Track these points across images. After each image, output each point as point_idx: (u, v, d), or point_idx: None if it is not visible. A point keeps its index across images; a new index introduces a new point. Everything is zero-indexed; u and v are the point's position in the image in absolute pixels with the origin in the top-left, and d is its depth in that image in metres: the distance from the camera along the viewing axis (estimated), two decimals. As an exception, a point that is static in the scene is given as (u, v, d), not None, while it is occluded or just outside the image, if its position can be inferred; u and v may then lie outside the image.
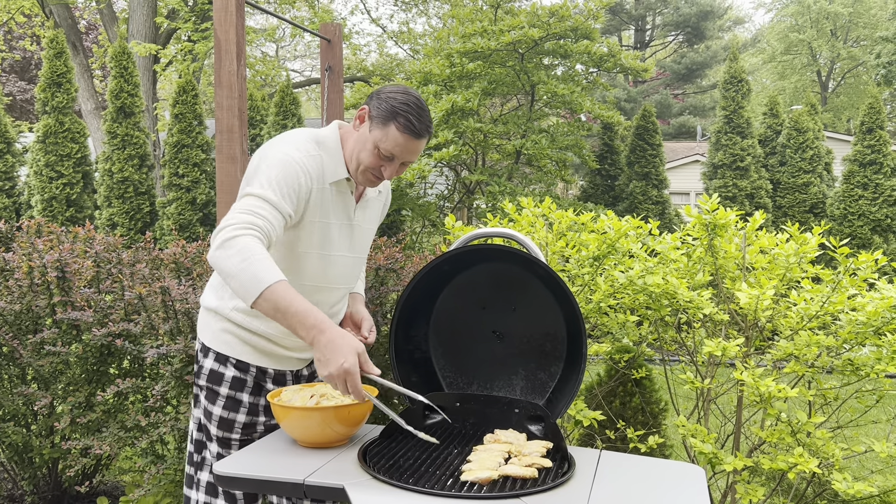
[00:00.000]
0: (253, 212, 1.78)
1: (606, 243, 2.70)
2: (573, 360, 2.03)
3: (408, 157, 1.94)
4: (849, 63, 34.09)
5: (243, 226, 1.73)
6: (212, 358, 2.05)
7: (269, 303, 1.68)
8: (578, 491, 1.63)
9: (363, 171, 1.96)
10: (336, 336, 1.71)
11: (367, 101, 1.97)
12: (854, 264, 2.45)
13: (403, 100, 1.90)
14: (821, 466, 2.38)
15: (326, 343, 1.70)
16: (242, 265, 1.68)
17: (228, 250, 1.70)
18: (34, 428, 3.15)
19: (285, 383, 2.10)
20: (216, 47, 3.82)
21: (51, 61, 9.42)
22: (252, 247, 1.71)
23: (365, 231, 2.15)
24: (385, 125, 1.90)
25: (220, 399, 2.04)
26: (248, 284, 1.68)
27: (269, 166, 1.86)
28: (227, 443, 2.05)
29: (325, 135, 1.99)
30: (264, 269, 1.69)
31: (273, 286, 1.68)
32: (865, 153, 10.06)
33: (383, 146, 1.90)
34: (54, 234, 3.32)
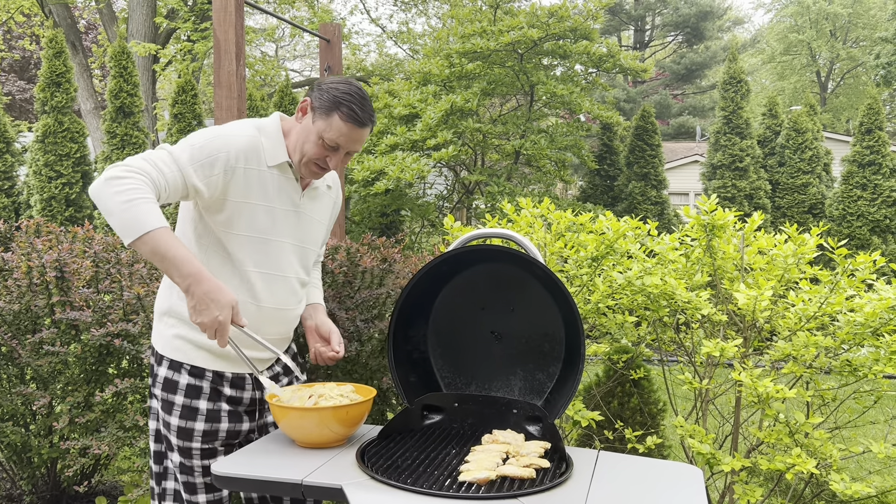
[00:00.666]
0: (152, 161, 1.79)
1: (605, 244, 2.70)
2: (571, 360, 2.03)
3: (352, 147, 1.95)
4: (848, 64, 34.11)
5: (136, 170, 1.74)
6: (165, 366, 1.99)
7: (148, 246, 1.70)
8: (576, 491, 1.64)
9: (307, 162, 1.96)
10: (213, 288, 1.74)
11: (309, 94, 1.97)
12: (852, 265, 2.45)
13: (346, 90, 1.91)
14: (819, 467, 2.38)
15: (203, 293, 1.73)
16: (125, 205, 1.69)
17: (113, 187, 1.70)
18: (33, 428, 3.14)
19: (244, 387, 2.04)
20: (215, 47, 3.82)
21: (50, 61, 9.42)
22: (138, 188, 1.71)
23: (314, 222, 2.12)
24: (328, 115, 1.90)
25: (175, 408, 1.97)
26: (129, 223, 1.69)
27: (198, 135, 1.89)
28: (188, 452, 1.98)
29: (264, 121, 2.00)
30: (148, 211, 1.70)
31: (155, 231, 1.70)
32: (864, 154, 10.07)
33: (327, 136, 1.91)
34: (53, 233, 3.32)
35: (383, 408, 3.02)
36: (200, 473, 2.00)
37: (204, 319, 1.75)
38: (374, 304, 2.82)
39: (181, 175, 1.82)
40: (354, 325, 2.71)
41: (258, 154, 1.94)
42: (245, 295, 1.97)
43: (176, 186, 1.82)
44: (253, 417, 2.08)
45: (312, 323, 2.18)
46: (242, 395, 2.04)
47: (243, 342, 1.96)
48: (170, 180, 1.80)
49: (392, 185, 8.56)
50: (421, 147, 9.28)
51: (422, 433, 2.01)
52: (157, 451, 2.09)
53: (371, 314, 2.79)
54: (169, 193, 1.82)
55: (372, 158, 8.89)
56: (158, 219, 1.71)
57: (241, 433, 2.04)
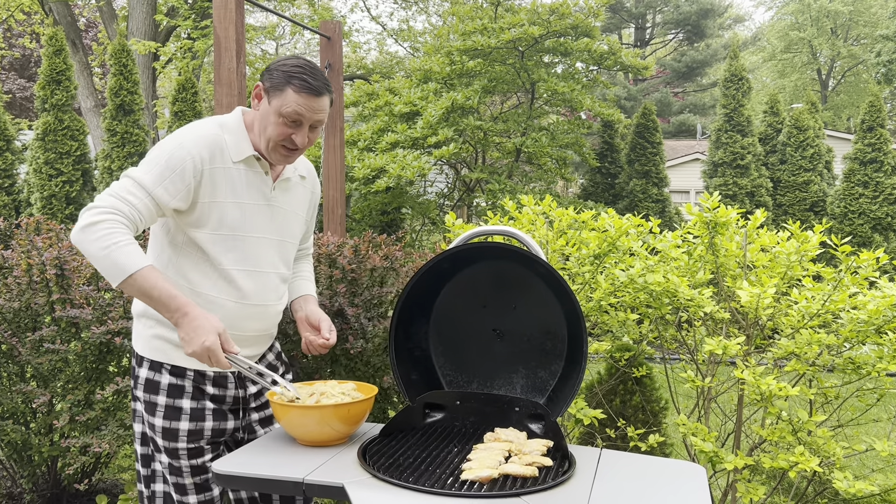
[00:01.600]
0: (121, 196, 1.79)
1: (607, 241, 2.69)
2: (574, 358, 2.02)
3: (313, 117, 1.93)
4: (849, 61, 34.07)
5: (107, 210, 1.76)
6: (146, 367, 1.98)
7: (134, 288, 1.76)
8: (579, 490, 1.63)
9: (274, 146, 1.94)
10: (198, 316, 1.78)
11: (260, 79, 1.96)
12: (856, 263, 2.44)
13: (294, 63, 1.92)
14: (822, 465, 2.37)
15: (189, 324, 1.77)
16: (104, 252, 1.72)
17: (90, 234, 1.72)
18: (33, 426, 3.14)
19: (227, 386, 2.02)
20: (216, 45, 3.81)
21: (50, 59, 9.41)
22: (114, 232, 1.73)
23: (289, 214, 2.10)
24: (282, 91, 1.90)
25: (159, 409, 1.96)
26: (111, 269, 1.73)
27: (158, 151, 1.88)
28: (174, 453, 1.98)
29: (225, 118, 2.00)
30: (127, 254, 1.73)
31: (137, 273, 1.73)
32: (866, 151, 10.05)
33: (285, 110, 1.89)
34: (53, 231, 3.31)
35: (385, 406, 3.01)
36: (189, 473, 1.98)
37: (195, 348, 1.77)
38: (379, 302, 2.81)
39: (151, 200, 1.83)
40: (359, 322, 2.70)
41: (222, 151, 1.92)
42: (224, 292, 1.96)
43: (150, 213, 1.84)
44: (237, 416, 2.07)
45: (303, 314, 2.16)
46: (225, 393, 2.03)
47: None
48: (142, 210, 1.82)
49: (393, 183, 8.54)
50: (422, 145, 9.27)
51: (423, 431, 2.00)
52: (144, 454, 2.07)
53: (377, 312, 2.78)
54: (145, 222, 1.84)
55: (372, 156, 8.88)
56: (138, 259, 1.75)
57: (226, 431, 2.03)
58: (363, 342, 2.69)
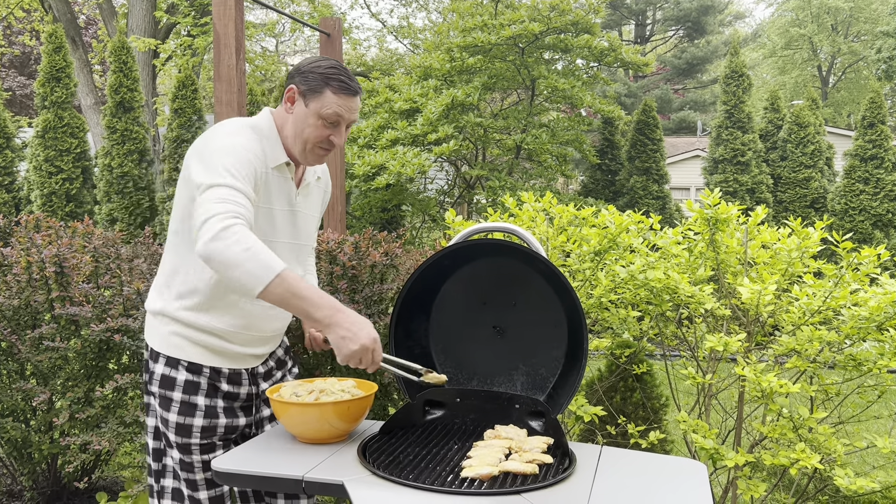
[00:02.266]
0: (230, 200, 1.72)
1: (607, 238, 2.68)
2: (574, 355, 2.02)
3: (350, 117, 1.95)
4: (849, 58, 34.02)
5: (231, 215, 1.69)
6: (162, 363, 1.97)
7: (282, 288, 1.66)
8: (580, 487, 1.62)
9: (311, 147, 1.94)
10: (352, 313, 1.74)
11: (290, 81, 1.95)
12: (857, 259, 2.43)
13: (328, 64, 1.92)
14: (822, 462, 2.37)
15: (347, 319, 1.72)
16: (247, 254, 1.64)
17: (226, 240, 1.64)
18: (33, 423, 3.14)
19: (241, 383, 2.03)
20: (215, 42, 3.80)
21: (50, 56, 9.40)
22: (249, 235, 1.68)
23: (308, 218, 2.11)
24: (320, 93, 1.90)
25: (174, 405, 1.96)
26: (257, 272, 1.64)
27: (220, 156, 1.79)
28: (187, 448, 1.97)
29: (257, 121, 1.97)
30: (269, 256, 1.67)
31: (283, 273, 1.66)
32: (867, 148, 10.04)
33: (325, 112, 1.90)
34: (53, 228, 3.31)
35: (385, 403, 3.01)
36: (200, 469, 1.99)
37: (363, 342, 1.72)
38: (380, 298, 2.81)
39: (249, 200, 1.77)
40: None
41: (264, 157, 1.92)
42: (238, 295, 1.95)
43: (252, 212, 1.78)
44: (249, 412, 2.06)
45: None
46: (239, 390, 2.03)
47: (239, 338, 1.97)
48: (250, 210, 1.76)
49: (393, 180, 8.53)
50: (422, 142, 9.26)
51: (423, 429, 2.00)
52: (156, 448, 2.07)
53: (377, 308, 2.78)
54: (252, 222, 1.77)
55: (373, 153, 8.87)
56: (279, 260, 1.67)
57: (238, 428, 2.03)
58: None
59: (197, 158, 1.84)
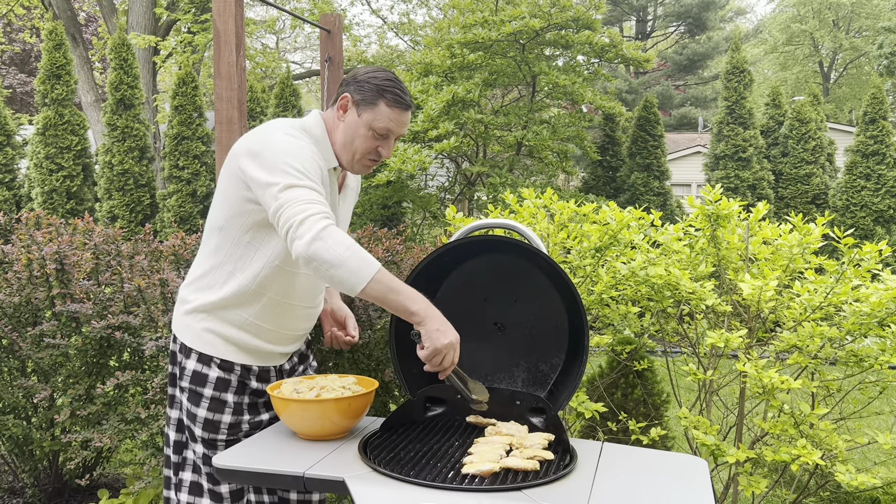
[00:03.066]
0: (318, 201, 1.74)
1: (608, 234, 2.68)
2: (575, 351, 2.02)
3: (400, 131, 1.96)
4: (851, 54, 33.94)
5: (324, 215, 1.72)
6: (194, 359, 1.99)
7: (382, 284, 1.71)
8: (581, 483, 1.62)
9: (360, 158, 1.95)
10: (440, 314, 1.78)
11: (344, 88, 1.94)
12: (858, 255, 2.43)
13: (384, 76, 1.92)
14: (823, 458, 2.37)
15: (440, 316, 1.77)
16: (348, 252, 1.68)
17: (327, 240, 1.68)
18: (34, 420, 3.14)
19: (269, 380, 2.05)
20: (215, 38, 3.80)
21: (50, 53, 9.39)
22: (345, 234, 1.72)
23: (344, 221, 2.15)
24: (374, 105, 1.90)
25: (204, 401, 1.98)
26: (359, 270, 1.69)
27: (288, 157, 1.79)
28: (212, 444, 1.99)
29: (309, 123, 1.96)
30: (368, 254, 1.72)
31: (381, 269, 1.71)
32: (868, 144, 10.02)
33: (378, 125, 1.91)
34: (53, 226, 3.31)
35: (386, 399, 3.01)
36: None
37: (451, 338, 1.76)
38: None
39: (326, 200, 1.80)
40: (367, 313, 2.71)
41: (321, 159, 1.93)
42: (279, 294, 1.97)
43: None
44: (270, 407, 2.09)
45: (328, 307, 2.21)
46: (265, 387, 2.05)
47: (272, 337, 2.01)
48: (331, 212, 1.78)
49: (394, 177, 8.53)
50: (422, 138, 9.25)
51: (424, 425, 2.00)
52: (178, 440, 2.08)
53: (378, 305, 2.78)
54: None
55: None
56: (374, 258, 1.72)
57: (261, 423, 2.05)
58: (370, 333, 2.70)
59: (256, 158, 1.82)
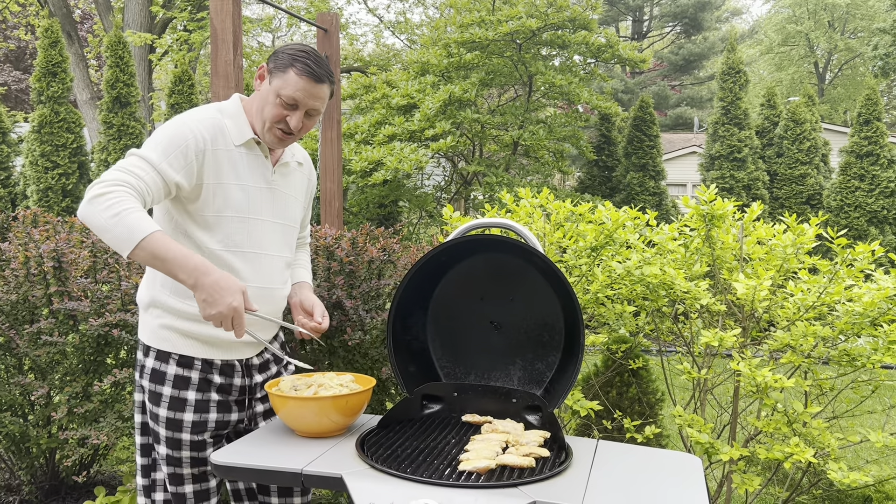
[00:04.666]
0: (128, 170, 1.79)
1: (604, 234, 2.70)
2: (571, 350, 2.03)
3: (310, 103, 1.95)
4: (846, 54, 34.05)
5: (113, 182, 1.75)
6: (153, 356, 1.98)
7: (146, 251, 1.70)
8: (576, 480, 1.64)
9: (269, 127, 1.96)
10: (221, 277, 1.73)
11: (267, 62, 1.99)
12: (852, 255, 2.45)
13: (299, 48, 1.95)
14: (816, 456, 2.39)
15: (212, 283, 1.72)
16: (114, 220, 1.69)
17: (98, 206, 1.70)
18: (31, 418, 3.14)
19: (233, 375, 2.03)
20: (212, 37, 3.80)
21: (46, 51, 9.37)
22: (122, 200, 1.72)
23: (289, 198, 2.12)
24: (284, 73, 1.92)
25: (163, 400, 1.96)
26: (122, 236, 1.69)
27: (160, 132, 1.89)
28: (177, 443, 1.97)
29: (225, 104, 2.03)
30: (136, 220, 1.70)
31: (149, 236, 1.69)
32: (862, 144, 10.06)
33: (284, 92, 1.92)
34: (50, 223, 3.31)
35: (383, 398, 3.03)
36: (189, 464, 1.99)
37: (220, 309, 1.72)
38: (377, 294, 2.82)
39: (159, 175, 1.83)
40: (357, 314, 2.71)
41: (223, 134, 1.94)
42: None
43: (157, 188, 1.83)
44: (242, 407, 2.07)
45: (297, 300, 2.17)
46: (232, 381, 2.03)
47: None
48: (150, 183, 1.81)
49: (390, 176, 8.53)
50: (419, 137, 9.25)
51: (421, 423, 2.01)
52: (144, 443, 2.08)
53: (375, 304, 2.79)
54: (153, 197, 1.83)
55: (370, 149, 8.87)
56: (149, 224, 1.71)
57: (229, 423, 2.03)
58: (361, 334, 2.70)
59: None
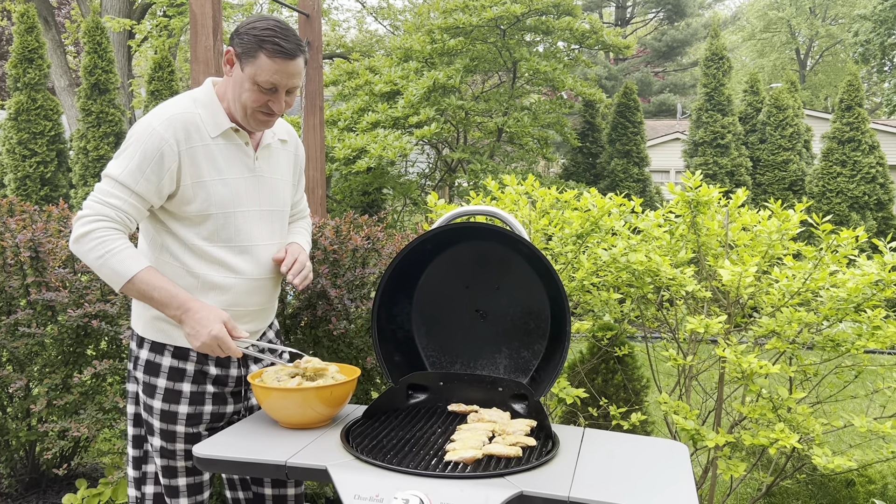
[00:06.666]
0: (105, 201, 1.80)
1: (590, 221, 2.68)
2: (557, 338, 2.02)
3: (289, 83, 1.87)
4: (827, 41, 34.26)
5: (94, 218, 1.78)
6: (147, 348, 1.95)
7: (134, 291, 1.81)
8: (563, 469, 1.63)
9: (251, 113, 1.88)
10: (201, 309, 1.82)
11: (230, 43, 1.88)
12: (837, 241, 2.46)
13: (264, 26, 1.82)
14: (801, 441, 2.40)
15: (192, 317, 1.81)
16: (99, 262, 1.77)
17: (83, 246, 1.77)
18: (9, 410, 3.09)
19: (229, 365, 2.00)
20: (192, 22, 3.73)
21: (22, 37, 9.19)
22: (105, 240, 1.77)
23: (276, 182, 2.04)
24: (254, 57, 1.82)
25: (158, 392, 1.94)
26: (109, 277, 1.79)
27: (131, 143, 1.83)
28: (171, 436, 1.95)
29: (198, 92, 1.92)
30: (121, 261, 1.77)
31: (134, 277, 1.78)
32: (844, 131, 10.13)
33: (260, 79, 1.82)
34: (27, 213, 3.25)
35: (368, 387, 3.00)
36: (182, 457, 1.97)
37: (203, 340, 1.80)
38: (362, 283, 2.79)
39: (136, 197, 1.82)
40: (342, 303, 2.68)
41: (198, 128, 1.86)
42: (221, 272, 1.92)
43: (137, 210, 1.83)
44: (238, 399, 2.05)
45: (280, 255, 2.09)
46: (228, 372, 2.01)
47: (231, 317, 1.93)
48: (129, 210, 1.81)
49: (374, 164, 8.48)
50: (403, 124, 9.20)
51: (407, 412, 2.00)
52: (137, 435, 2.05)
53: (359, 293, 2.76)
54: (134, 220, 1.84)
55: (353, 136, 8.80)
56: (133, 264, 1.78)
57: (224, 416, 2.01)
58: (346, 323, 2.67)
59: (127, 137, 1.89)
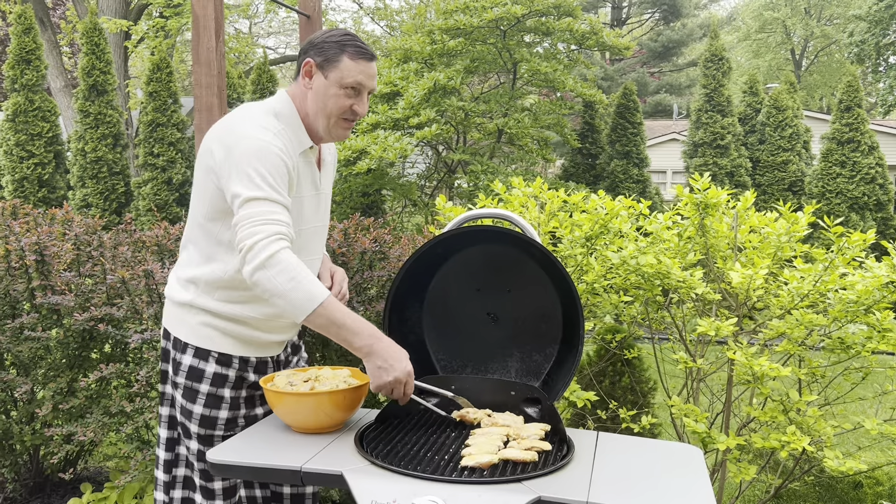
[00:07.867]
0: (271, 220, 1.72)
1: (599, 223, 2.68)
2: (569, 341, 2.01)
3: (370, 83, 1.91)
4: (822, 41, 34.33)
5: (274, 238, 1.69)
6: (190, 354, 1.95)
7: (323, 318, 1.71)
8: (580, 473, 1.62)
9: (336, 121, 1.90)
10: (390, 343, 1.76)
11: (304, 56, 1.90)
12: (847, 243, 2.45)
13: (341, 34, 1.89)
14: (812, 444, 2.40)
15: (385, 350, 1.75)
16: (291, 284, 1.68)
17: (271, 269, 1.68)
18: (14, 415, 3.07)
19: (266, 372, 2.02)
20: (194, 23, 3.72)
21: (19, 38, 9.16)
22: (293, 262, 1.69)
23: (328, 197, 2.10)
24: (337, 62, 1.86)
25: (200, 397, 1.94)
26: (300, 303, 1.69)
27: (251, 159, 1.75)
28: (209, 439, 1.96)
29: (278, 106, 1.90)
30: (312, 284, 1.70)
31: (325, 303, 1.70)
32: (843, 131, 10.15)
33: (347, 80, 1.86)
34: (31, 216, 3.23)
35: (375, 390, 2.99)
36: None
37: (396, 375, 1.74)
38: (372, 286, 2.78)
39: (287, 210, 1.77)
40: (351, 305, 2.67)
41: (291, 147, 1.86)
42: None
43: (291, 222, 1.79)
44: (264, 401, 2.05)
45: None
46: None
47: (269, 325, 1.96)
48: (290, 224, 1.76)
49: (374, 165, 8.46)
50: (403, 126, 9.18)
51: (419, 416, 1.98)
52: (170, 437, 2.05)
53: (366, 296, 2.75)
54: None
55: (353, 137, 8.78)
56: (322, 288, 1.71)
57: (256, 418, 2.02)
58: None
59: (226, 154, 1.78)
